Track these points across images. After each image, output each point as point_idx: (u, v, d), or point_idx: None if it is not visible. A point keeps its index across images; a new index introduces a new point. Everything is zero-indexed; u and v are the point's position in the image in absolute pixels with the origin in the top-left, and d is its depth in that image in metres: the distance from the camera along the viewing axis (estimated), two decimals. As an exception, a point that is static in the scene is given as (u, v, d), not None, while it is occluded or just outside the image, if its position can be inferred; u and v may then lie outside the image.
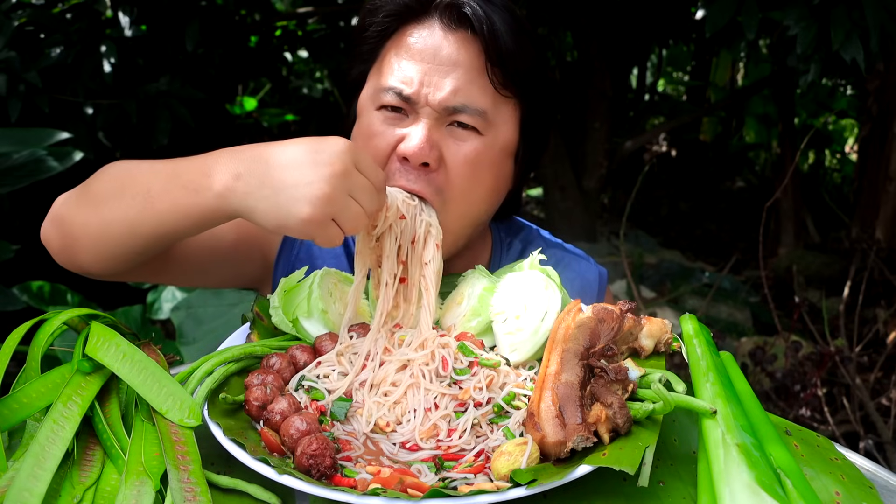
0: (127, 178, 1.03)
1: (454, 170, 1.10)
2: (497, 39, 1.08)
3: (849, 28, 2.20)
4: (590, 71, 4.17)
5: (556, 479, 0.73)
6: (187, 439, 0.80)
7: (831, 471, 0.83)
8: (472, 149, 1.11)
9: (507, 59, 1.09)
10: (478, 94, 1.09)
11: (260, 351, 0.99)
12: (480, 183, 1.14)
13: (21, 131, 2.52)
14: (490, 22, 1.08)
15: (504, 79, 1.10)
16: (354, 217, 0.90)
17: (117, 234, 1.02)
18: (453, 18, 1.09)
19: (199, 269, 1.25)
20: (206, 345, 2.36)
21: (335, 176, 0.87)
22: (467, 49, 1.09)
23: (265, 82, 5.86)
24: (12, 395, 0.86)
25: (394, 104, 1.10)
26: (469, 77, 1.09)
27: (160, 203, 0.97)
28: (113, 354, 0.88)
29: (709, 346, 0.92)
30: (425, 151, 1.07)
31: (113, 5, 3.15)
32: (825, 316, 3.23)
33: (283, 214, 0.88)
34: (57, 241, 1.10)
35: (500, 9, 1.10)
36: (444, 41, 1.09)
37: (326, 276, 1.10)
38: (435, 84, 1.08)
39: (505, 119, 1.14)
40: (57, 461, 0.76)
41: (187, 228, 0.99)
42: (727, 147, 7.25)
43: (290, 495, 0.79)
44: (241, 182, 0.90)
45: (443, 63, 1.08)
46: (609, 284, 1.47)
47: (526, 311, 1.01)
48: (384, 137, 1.10)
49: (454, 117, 1.10)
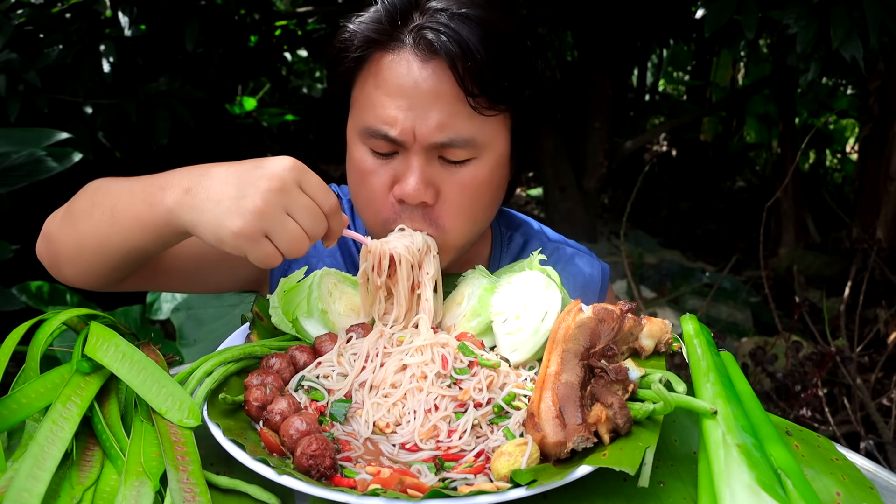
0: (100, 195, 1.05)
1: (453, 200, 1.09)
2: (473, 65, 1.02)
3: (848, 26, 2.20)
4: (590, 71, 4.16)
5: (556, 480, 0.73)
6: (187, 440, 0.80)
7: (832, 471, 0.83)
8: (468, 175, 1.08)
9: (488, 81, 1.04)
10: (463, 123, 1.05)
11: (260, 351, 0.99)
12: (480, 202, 1.13)
13: (20, 131, 2.51)
14: (460, 46, 1.02)
15: (488, 102, 1.05)
16: (291, 235, 0.88)
17: (90, 249, 1.05)
18: (425, 49, 1.04)
19: (193, 276, 1.25)
20: (207, 345, 2.36)
21: (271, 191, 0.86)
22: (445, 78, 1.03)
23: (265, 82, 5.86)
24: (11, 395, 0.85)
25: (383, 150, 1.07)
26: (453, 109, 1.04)
27: (124, 218, 0.99)
28: (112, 355, 0.88)
29: (709, 347, 0.92)
30: (420, 192, 1.05)
31: (112, 5, 3.15)
32: (826, 316, 3.23)
33: (217, 226, 0.87)
34: (46, 258, 1.15)
35: (470, 22, 1.03)
36: (421, 73, 1.03)
37: (326, 275, 1.10)
38: (419, 121, 1.03)
39: (496, 135, 1.10)
40: (56, 462, 0.76)
41: (150, 243, 0.99)
42: (727, 147, 7.25)
43: (289, 496, 0.79)
44: (188, 196, 0.91)
45: (424, 96, 1.03)
46: (609, 283, 1.47)
47: (526, 311, 1.01)
48: (378, 176, 1.09)
49: (444, 151, 1.06)
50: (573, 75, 5.05)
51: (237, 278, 1.31)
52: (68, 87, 2.98)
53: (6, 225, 3.06)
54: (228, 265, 1.27)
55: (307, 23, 4.63)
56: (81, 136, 2.97)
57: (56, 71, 2.91)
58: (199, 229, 0.90)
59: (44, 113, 2.84)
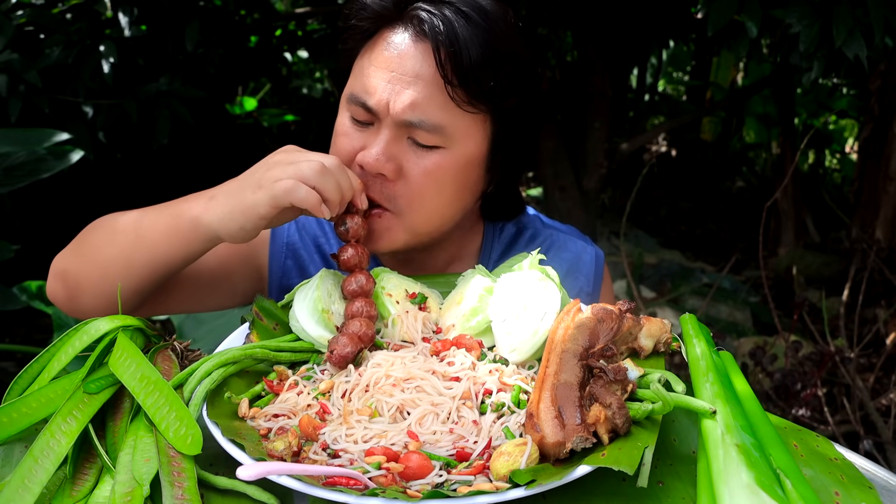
0: (120, 224, 1.15)
1: (413, 181, 1.11)
2: (458, 57, 1.04)
3: (851, 25, 2.20)
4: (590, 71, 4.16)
5: (555, 480, 0.73)
6: (185, 456, 0.80)
7: (831, 471, 0.83)
8: (433, 162, 1.10)
9: (471, 78, 1.05)
10: (436, 109, 1.07)
11: (259, 352, 0.99)
12: (440, 195, 1.14)
13: (21, 131, 2.51)
14: (448, 34, 1.04)
15: (467, 97, 1.07)
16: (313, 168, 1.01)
17: (114, 272, 1.11)
18: (416, 29, 1.07)
19: (195, 296, 1.29)
20: (206, 345, 2.36)
21: (274, 157, 1.06)
22: (429, 62, 1.06)
23: (265, 82, 5.85)
24: (12, 404, 0.86)
25: (360, 118, 1.12)
26: (429, 92, 1.07)
27: (150, 235, 1.09)
28: (132, 373, 0.90)
29: (708, 346, 0.92)
30: (381, 163, 1.09)
31: (113, 5, 3.15)
32: (825, 316, 3.23)
33: (244, 203, 1.01)
34: (62, 294, 1.19)
35: (471, 20, 1.05)
36: (411, 50, 1.07)
37: (326, 276, 1.10)
38: (395, 96, 1.07)
39: (470, 132, 1.11)
40: (48, 475, 0.77)
41: (177, 253, 1.09)
42: (727, 147, 7.25)
43: (288, 496, 0.79)
44: (212, 201, 1.05)
45: (406, 73, 1.07)
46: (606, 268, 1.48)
47: (525, 311, 1.01)
48: (349, 140, 1.14)
49: (412, 131, 1.09)
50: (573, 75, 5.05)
51: (237, 291, 1.35)
52: (69, 87, 2.97)
53: (7, 225, 3.06)
54: (230, 278, 1.32)
55: (307, 23, 4.63)
56: (82, 136, 2.97)
57: (57, 71, 2.91)
58: (227, 220, 1.02)
59: (44, 113, 2.84)
